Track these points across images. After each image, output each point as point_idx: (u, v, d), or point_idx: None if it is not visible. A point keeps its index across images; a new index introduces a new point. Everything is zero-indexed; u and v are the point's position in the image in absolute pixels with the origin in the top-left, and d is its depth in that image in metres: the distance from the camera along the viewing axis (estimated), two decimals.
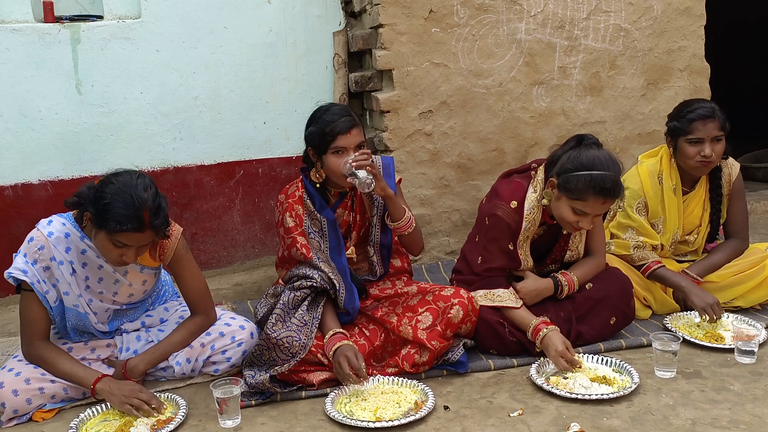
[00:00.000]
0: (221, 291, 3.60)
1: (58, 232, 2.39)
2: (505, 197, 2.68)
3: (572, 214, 2.53)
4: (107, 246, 2.29)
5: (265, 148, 3.86)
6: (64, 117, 3.48)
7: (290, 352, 2.42)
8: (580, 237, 2.80)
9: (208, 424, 2.29)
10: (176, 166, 3.70)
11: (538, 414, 2.24)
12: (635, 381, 2.37)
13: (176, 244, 2.53)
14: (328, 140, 2.55)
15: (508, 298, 2.63)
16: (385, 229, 2.75)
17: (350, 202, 2.76)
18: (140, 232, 2.25)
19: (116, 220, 2.20)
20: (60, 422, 2.34)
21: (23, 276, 2.33)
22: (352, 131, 2.56)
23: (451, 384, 2.49)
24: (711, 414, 2.19)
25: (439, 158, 3.77)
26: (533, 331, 2.56)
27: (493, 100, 3.78)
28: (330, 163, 2.58)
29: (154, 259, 2.55)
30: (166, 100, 3.62)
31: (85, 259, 2.44)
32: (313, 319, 2.53)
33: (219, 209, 3.83)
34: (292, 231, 2.66)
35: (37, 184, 3.48)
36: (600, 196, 2.47)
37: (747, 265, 2.97)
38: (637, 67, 3.95)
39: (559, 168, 2.56)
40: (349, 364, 2.37)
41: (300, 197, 2.70)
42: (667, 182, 3.02)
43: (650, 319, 2.96)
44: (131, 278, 2.53)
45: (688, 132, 2.91)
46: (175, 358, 2.55)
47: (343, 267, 2.66)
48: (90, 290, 2.48)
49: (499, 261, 2.70)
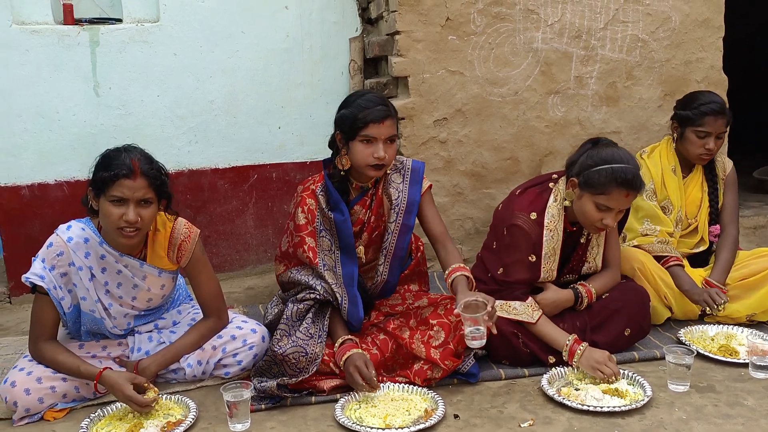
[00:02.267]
0: (233, 294, 3.61)
1: (78, 237, 2.40)
2: (524, 207, 2.64)
3: (596, 211, 2.52)
4: (108, 211, 2.29)
5: (280, 152, 3.87)
6: (81, 118, 3.51)
7: (297, 368, 2.40)
8: (598, 249, 2.78)
9: (218, 427, 2.29)
10: (191, 169, 3.72)
11: (549, 425, 2.22)
12: (648, 394, 2.34)
13: (194, 246, 2.55)
14: (359, 126, 2.45)
15: (524, 312, 2.60)
16: (402, 238, 2.63)
17: (370, 200, 2.65)
18: (131, 179, 2.26)
19: (108, 170, 2.27)
20: (71, 422, 2.36)
21: (40, 281, 2.35)
22: (385, 122, 2.46)
23: (461, 393, 2.47)
24: (724, 429, 2.16)
25: (453, 166, 3.77)
26: (569, 353, 2.53)
27: (509, 108, 3.77)
28: (356, 152, 2.48)
29: (172, 261, 2.56)
30: (182, 104, 3.65)
31: (105, 264, 2.45)
32: (319, 331, 2.49)
33: (232, 213, 3.85)
34: (302, 229, 2.57)
35: (54, 184, 3.52)
36: (623, 188, 2.47)
37: (757, 270, 3.00)
38: (654, 77, 3.93)
39: (579, 167, 2.56)
40: (360, 374, 2.36)
41: (313, 191, 2.60)
42: (666, 164, 3.17)
43: (664, 331, 2.94)
44: (150, 283, 2.54)
45: (698, 124, 3.04)
46: (186, 360, 2.55)
47: (351, 273, 2.57)
48: (110, 295, 2.49)
49: (521, 274, 2.63)
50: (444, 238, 2.66)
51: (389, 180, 2.66)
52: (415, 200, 2.63)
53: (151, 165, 2.35)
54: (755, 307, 2.93)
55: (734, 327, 2.87)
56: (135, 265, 2.49)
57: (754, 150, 5.38)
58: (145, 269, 2.51)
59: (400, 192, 2.64)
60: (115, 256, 2.44)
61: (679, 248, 3.15)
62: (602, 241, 2.78)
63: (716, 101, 3.06)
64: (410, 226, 2.64)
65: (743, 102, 4.39)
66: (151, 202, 2.34)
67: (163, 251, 2.53)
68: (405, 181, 2.66)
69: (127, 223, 2.29)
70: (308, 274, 2.59)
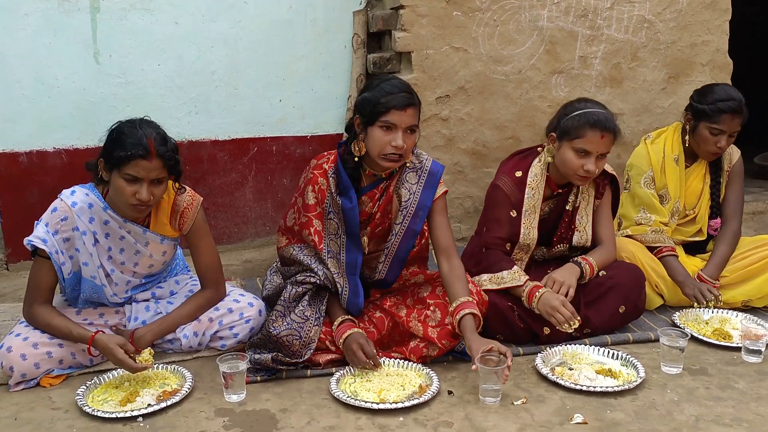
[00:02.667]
0: (231, 267, 3.62)
1: (82, 203, 2.41)
2: (508, 168, 2.78)
3: (576, 157, 2.61)
4: (120, 186, 2.31)
5: (280, 126, 3.85)
6: (80, 86, 3.48)
7: (291, 351, 2.40)
8: (587, 218, 2.82)
9: (213, 397, 2.31)
10: (190, 140, 3.70)
11: (542, 403, 2.24)
12: (641, 375, 2.36)
13: (195, 214, 2.56)
14: (380, 111, 2.35)
15: (511, 278, 2.64)
16: (406, 241, 2.54)
17: (380, 195, 2.55)
18: (147, 160, 2.27)
19: (123, 149, 2.26)
20: (67, 389, 2.37)
21: (42, 245, 2.36)
22: (407, 110, 2.36)
23: (456, 369, 2.49)
24: (715, 411, 2.18)
25: (454, 144, 3.75)
26: (528, 296, 2.58)
27: (512, 87, 3.75)
28: (374, 138, 2.38)
29: (174, 228, 2.57)
30: (183, 74, 3.62)
31: (108, 230, 2.45)
32: (316, 314, 2.48)
33: (231, 185, 3.84)
34: (310, 210, 2.53)
35: (52, 152, 3.50)
36: (597, 129, 2.57)
37: (756, 259, 2.99)
38: (659, 59, 3.90)
39: (556, 122, 2.71)
40: (363, 352, 2.37)
41: (326, 171, 2.51)
42: (669, 153, 3.09)
43: (659, 314, 2.95)
44: (152, 249, 2.55)
45: (713, 121, 2.94)
46: (183, 331, 2.56)
47: (355, 261, 2.52)
48: (112, 260, 2.51)
49: (502, 230, 2.73)
50: (450, 250, 2.53)
51: (403, 178, 2.55)
52: (426, 205, 2.52)
53: (166, 146, 2.34)
54: (751, 293, 2.95)
55: (728, 311, 2.89)
56: (138, 232, 2.50)
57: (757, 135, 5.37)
58: (148, 236, 2.52)
59: (412, 194, 2.53)
60: (119, 221, 2.45)
61: (675, 236, 3.13)
62: (590, 211, 2.82)
63: (735, 98, 2.93)
64: (416, 231, 2.54)
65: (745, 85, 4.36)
66: (163, 180, 2.37)
67: (166, 218, 2.55)
68: (420, 183, 2.54)
69: (140, 201, 2.32)
70: (310, 255, 2.57)
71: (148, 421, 2.16)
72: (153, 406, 2.20)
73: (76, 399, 2.25)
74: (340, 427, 2.12)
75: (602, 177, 2.84)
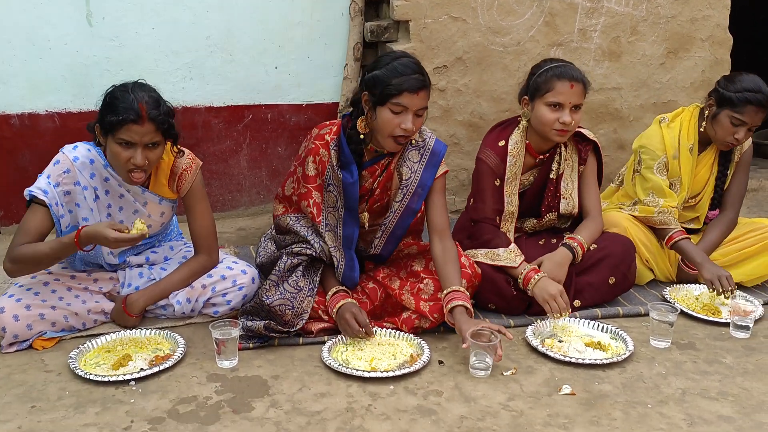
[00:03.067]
0: (224, 235, 3.61)
1: (84, 158, 2.41)
2: (491, 140, 2.81)
3: (549, 112, 2.65)
4: (115, 152, 2.31)
5: (276, 93, 3.82)
6: (73, 48, 3.43)
7: (284, 320, 2.40)
8: (572, 184, 2.84)
9: (205, 363, 2.32)
10: (185, 105, 3.67)
11: (531, 374, 2.27)
12: (629, 348, 2.39)
13: (194, 177, 2.56)
14: (392, 93, 2.29)
15: (507, 257, 2.65)
16: (405, 219, 2.53)
17: (380, 171, 2.52)
18: (139, 125, 2.26)
19: (115, 114, 2.25)
20: (59, 352, 2.38)
21: (43, 196, 2.35)
22: (420, 92, 2.31)
23: (447, 340, 2.51)
24: (701, 385, 2.21)
25: (450, 115, 3.73)
26: (524, 280, 2.59)
27: (510, 59, 3.72)
28: (383, 118, 2.33)
29: (172, 190, 2.57)
30: (177, 38, 3.57)
31: (108, 187, 2.46)
32: (309, 284, 2.47)
33: (226, 152, 3.82)
34: (310, 181, 2.50)
35: (45, 115, 3.46)
36: (565, 80, 2.62)
37: (751, 242, 2.97)
38: (658, 33, 3.87)
39: (525, 87, 2.75)
40: (357, 321, 2.38)
41: (328, 143, 2.47)
42: (684, 141, 2.99)
43: (649, 288, 2.97)
44: (150, 209, 2.56)
45: (738, 111, 2.83)
46: (176, 297, 2.57)
47: (352, 235, 2.50)
48: (111, 218, 2.51)
49: (489, 201, 2.76)
50: (444, 231, 2.52)
51: (405, 156, 2.52)
52: (427, 185, 2.50)
53: (159, 109, 2.32)
54: (744, 276, 2.94)
55: None
56: (137, 191, 2.51)
57: None
58: (147, 196, 2.53)
59: (413, 172, 2.50)
60: (119, 180, 2.46)
61: None
62: (575, 177, 2.84)
63: (764, 91, 2.82)
64: (415, 210, 2.52)
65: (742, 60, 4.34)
66: (158, 144, 2.35)
67: (165, 179, 2.55)
68: (422, 161, 2.51)
69: (135, 166, 2.32)
70: (306, 227, 2.56)
71: (140, 384, 2.17)
72: (145, 370, 2.22)
73: (68, 362, 2.26)
74: (331, 394, 2.14)
75: (584, 143, 2.85)
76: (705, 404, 2.09)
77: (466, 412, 2.04)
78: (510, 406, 2.07)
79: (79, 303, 2.49)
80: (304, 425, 1.97)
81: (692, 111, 3.04)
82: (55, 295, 2.46)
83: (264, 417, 2.01)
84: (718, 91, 2.91)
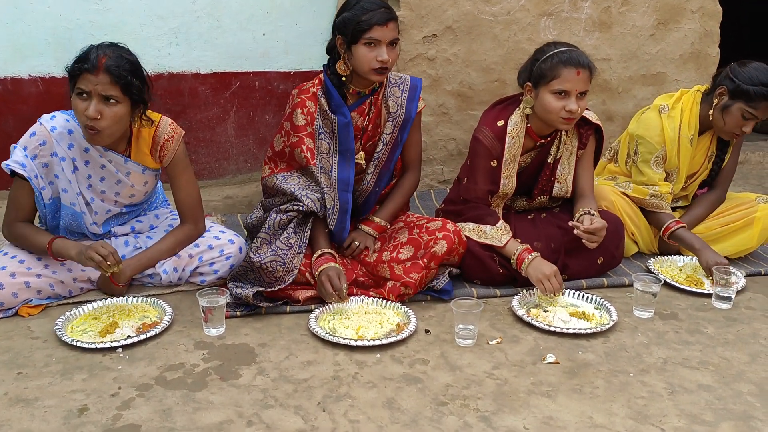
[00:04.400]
0: (211, 203, 3.60)
1: (62, 128, 2.38)
2: (490, 119, 2.73)
3: (555, 99, 2.56)
4: (74, 104, 2.29)
5: (263, 60, 3.77)
6: (56, 11, 3.35)
7: (274, 277, 2.42)
8: (569, 169, 2.81)
9: (192, 331, 2.33)
10: (170, 72, 3.61)
11: (516, 343, 2.30)
12: (613, 318, 2.42)
13: (177, 146, 2.54)
14: (363, 29, 2.44)
15: (493, 236, 2.65)
16: (394, 151, 2.69)
17: (368, 109, 2.65)
18: (92, 74, 2.23)
19: (76, 62, 2.28)
20: (46, 319, 2.38)
21: (21, 170, 2.34)
22: (389, 24, 2.46)
23: (433, 309, 2.53)
24: (683, 354, 2.25)
25: (440, 85, 3.71)
26: (517, 260, 2.60)
27: (500, 28, 3.69)
28: (360, 55, 2.47)
29: (155, 160, 2.55)
30: (162, 3, 3.50)
31: (88, 158, 2.43)
32: (299, 242, 2.51)
33: (213, 120, 3.78)
34: (301, 130, 2.58)
35: (28, 79, 3.40)
36: (571, 66, 2.54)
37: (735, 218, 2.99)
38: (649, 4, 3.85)
39: (528, 72, 2.66)
40: (331, 284, 2.40)
41: (314, 94, 2.60)
42: (685, 132, 2.91)
43: (634, 260, 3.00)
44: (133, 179, 2.54)
45: (753, 106, 2.75)
46: (162, 266, 2.56)
47: (347, 178, 2.61)
48: (92, 189, 2.49)
49: (483, 182, 2.72)
50: (414, 163, 2.81)
51: (389, 92, 2.69)
52: (411, 117, 2.68)
53: (120, 64, 2.26)
54: (728, 250, 2.96)
55: None
56: (119, 161, 2.48)
57: None
58: (129, 165, 2.50)
59: (399, 105, 2.68)
60: (99, 150, 2.42)
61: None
62: (573, 162, 2.81)
63: None
64: (402, 141, 2.69)
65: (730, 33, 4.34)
66: (116, 101, 2.28)
67: (146, 148, 2.52)
68: (404, 95, 2.69)
69: (87, 117, 2.26)
70: (294, 184, 2.58)
71: (127, 352, 2.18)
72: (132, 337, 2.22)
73: (54, 329, 2.25)
74: (317, 362, 2.15)
75: (586, 127, 2.79)
76: (686, 373, 2.13)
77: (451, 381, 2.06)
78: (495, 375, 2.10)
79: (64, 271, 2.48)
80: (291, 393, 1.98)
81: (694, 96, 2.94)
82: (40, 263, 2.45)
83: (251, 384, 2.03)
84: (734, 81, 2.79)
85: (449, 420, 1.87)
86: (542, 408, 1.93)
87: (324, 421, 1.86)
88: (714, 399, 2.00)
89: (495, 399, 1.97)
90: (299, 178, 2.61)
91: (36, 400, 1.92)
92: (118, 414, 1.87)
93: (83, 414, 1.87)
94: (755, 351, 2.28)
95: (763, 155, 4.55)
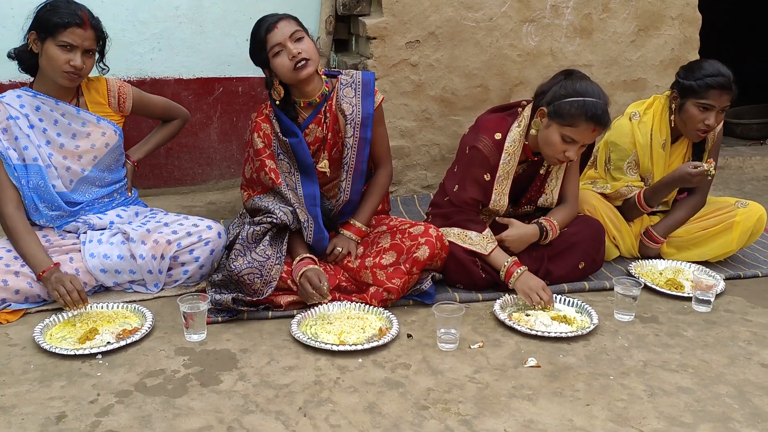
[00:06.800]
0: (194, 209, 3.58)
1: (10, 96, 2.56)
2: (489, 129, 2.69)
3: (561, 142, 2.55)
4: (55, 54, 2.44)
5: (247, 66, 3.68)
6: None
7: (252, 289, 2.41)
8: (557, 182, 2.81)
9: (173, 336, 2.32)
10: (153, 77, 3.60)
11: (498, 347, 2.30)
12: (594, 322, 2.43)
13: (131, 90, 2.76)
14: (263, 46, 2.50)
15: (478, 243, 2.65)
16: (362, 152, 2.64)
17: (324, 117, 2.62)
18: (82, 29, 2.45)
19: (59, 17, 2.43)
20: (24, 326, 2.35)
21: None
22: (278, 24, 2.47)
23: (416, 314, 2.53)
24: (662, 357, 2.27)
25: (422, 90, 3.72)
26: (506, 274, 2.60)
27: (482, 35, 3.71)
28: (276, 66, 2.49)
29: (114, 109, 2.71)
30: (145, 8, 3.49)
31: (41, 115, 2.56)
32: (277, 253, 2.50)
33: (196, 126, 3.77)
34: (261, 153, 2.59)
35: (8, 84, 3.37)
36: (591, 123, 2.50)
37: (715, 222, 3.01)
38: (629, 11, 3.89)
39: (551, 97, 2.57)
40: (310, 284, 2.40)
41: (267, 116, 2.61)
42: (657, 137, 2.96)
43: (616, 264, 3.02)
44: (90, 129, 2.63)
45: (701, 97, 2.81)
46: (139, 250, 2.54)
47: (313, 193, 2.60)
48: (51, 145, 2.58)
49: (474, 192, 2.69)
50: (384, 159, 2.79)
51: (341, 95, 2.63)
52: (370, 113, 2.64)
53: (97, 20, 2.54)
54: (706, 255, 3.00)
55: (682, 262, 2.96)
56: (71, 112, 2.60)
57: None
58: (82, 115, 2.61)
59: (354, 106, 2.63)
60: (51, 104, 2.56)
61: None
62: (561, 175, 2.81)
63: (724, 74, 2.79)
64: (368, 139, 2.65)
65: (712, 41, 4.39)
66: (94, 53, 2.54)
67: (102, 99, 2.69)
68: (357, 95, 2.65)
69: (74, 68, 2.46)
70: (269, 200, 2.59)
71: (107, 358, 2.16)
72: (112, 343, 2.20)
73: (33, 336, 2.23)
74: (299, 367, 2.15)
75: None
76: (665, 376, 2.15)
77: (433, 385, 2.07)
78: (476, 379, 2.10)
79: None
80: (272, 398, 1.98)
81: (663, 102, 2.99)
82: (18, 261, 2.44)
83: (232, 390, 2.02)
84: (679, 82, 2.89)
85: (430, 424, 1.87)
86: (523, 411, 1.94)
87: (305, 426, 1.85)
88: (693, 401, 2.02)
89: (476, 403, 1.98)
90: (274, 197, 2.61)
91: (13, 408, 1.91)
92: (97, 421, 1.85)
93: (61, 421, 1.85)
94: (734, 353, 2.30)
95: (743, 160, 4.60)
